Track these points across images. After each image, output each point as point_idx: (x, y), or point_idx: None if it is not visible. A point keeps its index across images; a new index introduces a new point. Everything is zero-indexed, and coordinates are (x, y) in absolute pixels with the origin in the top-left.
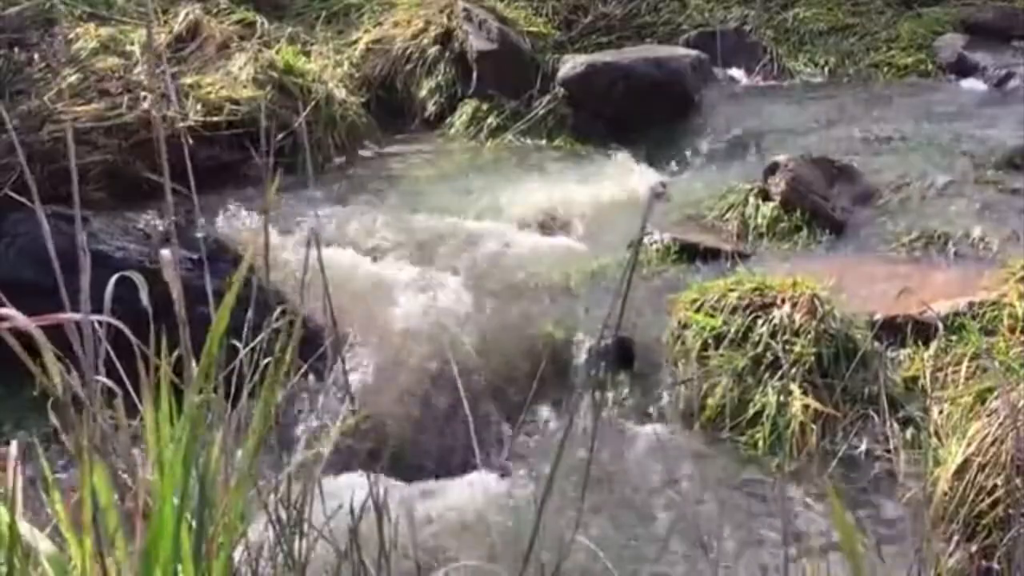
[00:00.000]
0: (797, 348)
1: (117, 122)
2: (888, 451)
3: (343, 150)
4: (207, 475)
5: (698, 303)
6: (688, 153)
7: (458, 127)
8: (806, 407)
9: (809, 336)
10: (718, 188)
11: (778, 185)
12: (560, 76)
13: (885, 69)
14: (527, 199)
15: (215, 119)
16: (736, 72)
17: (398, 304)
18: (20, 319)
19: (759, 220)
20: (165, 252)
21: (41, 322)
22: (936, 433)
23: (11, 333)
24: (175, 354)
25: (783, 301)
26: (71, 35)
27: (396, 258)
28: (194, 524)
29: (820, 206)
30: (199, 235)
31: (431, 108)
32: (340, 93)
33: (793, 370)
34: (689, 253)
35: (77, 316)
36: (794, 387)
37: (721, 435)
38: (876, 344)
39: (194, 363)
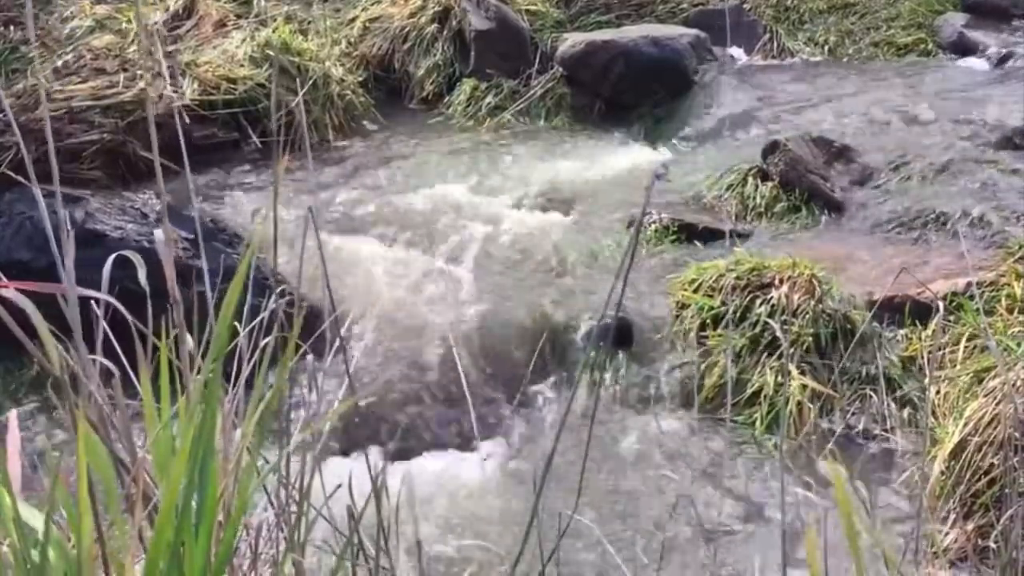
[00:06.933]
0: (795, 328)
1: (114, 101)
2: (886, 431)
3: (340, 129)
4: (211, 456)
5: (696, 283)
6: (687, 132)
7: (456, 106)
8: (804, 387)
9: (807, 316)
10: (716, 168)
11: (777, 165)
12: (558, 55)
13: (885, 48)
14: (525, 179)
15: (211, 98)
16: (735, 51)
17: (396, 283)
18: (16, 295)
19: (757, 200)
20: (159, 232)
21: (30, 287)
22: (934, 413)
23: (9, 313)
24: (173, 335)
25: (781, 281)
26: (67, 13)
27: (394, 237)
28: (196, 504)
29: (819, 186)
30: (193, 215)
31: (429, 87)
32: (337, 72)
33: (791, 350)
34: (687, 233)
35: (75, 288)
36: (792, 367)
37: (719, 415)
38: (874, 324)
39: (190, 341)
